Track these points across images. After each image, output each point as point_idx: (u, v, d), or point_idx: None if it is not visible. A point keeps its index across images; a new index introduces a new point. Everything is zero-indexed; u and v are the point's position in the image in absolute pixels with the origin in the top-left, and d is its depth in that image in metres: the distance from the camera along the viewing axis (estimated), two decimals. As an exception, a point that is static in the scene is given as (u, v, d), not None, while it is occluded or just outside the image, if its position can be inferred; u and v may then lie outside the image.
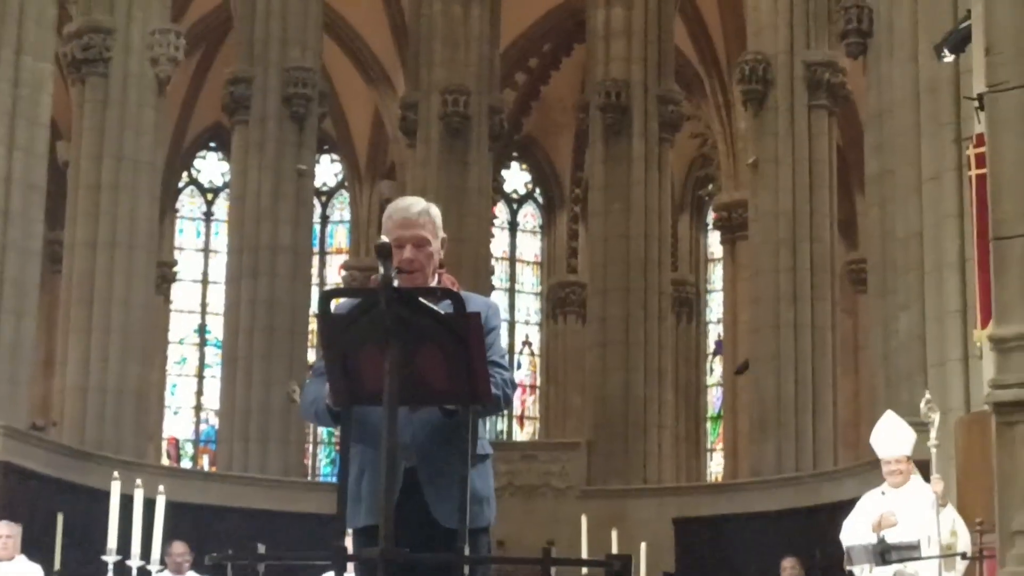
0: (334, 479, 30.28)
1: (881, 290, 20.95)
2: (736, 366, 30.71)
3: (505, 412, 30.56)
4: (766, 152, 25.27)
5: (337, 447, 32.36)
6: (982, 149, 13.50)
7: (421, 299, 4.57)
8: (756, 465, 25.10)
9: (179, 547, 13.94)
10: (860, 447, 27.84)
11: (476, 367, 4.65)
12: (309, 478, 30.89)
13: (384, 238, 4.65)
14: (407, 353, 4.54)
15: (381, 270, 4.49)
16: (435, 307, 4.59)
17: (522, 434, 34.28)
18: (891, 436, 10.84)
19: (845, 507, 15.14)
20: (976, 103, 8.80)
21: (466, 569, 4.75)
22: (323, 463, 34.16)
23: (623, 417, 26.51)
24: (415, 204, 5.25)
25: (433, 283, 5.15)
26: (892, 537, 10.38)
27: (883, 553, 10.23)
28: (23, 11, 20.63)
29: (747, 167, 27.00)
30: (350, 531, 16.56)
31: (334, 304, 4.93)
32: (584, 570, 12.69)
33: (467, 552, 4.66)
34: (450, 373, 4.62)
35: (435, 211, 5.28)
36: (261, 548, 9.67)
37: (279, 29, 26.36)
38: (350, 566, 5.99)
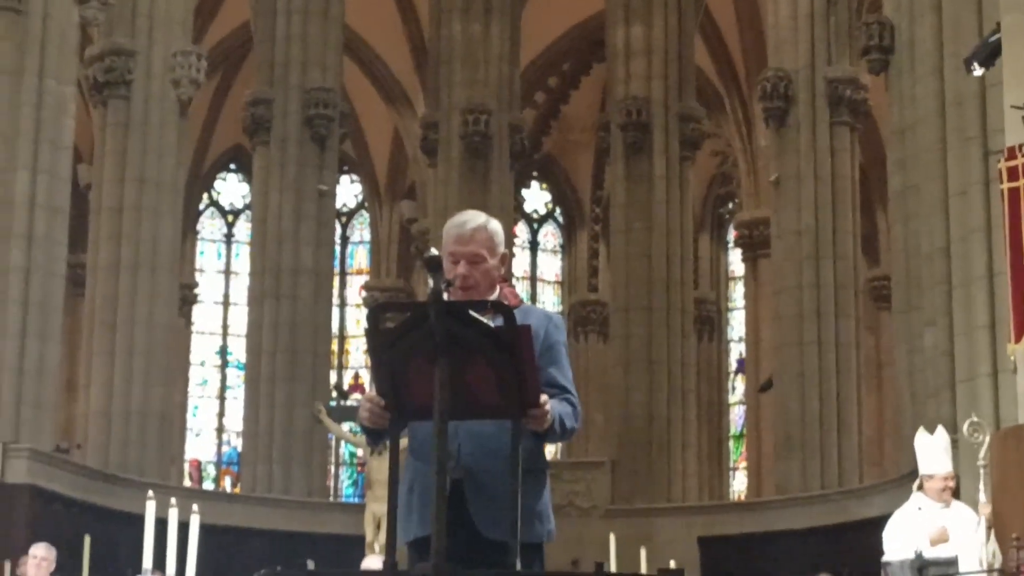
0: (357, 499, 30.26)
1: (906, 306, 20.86)
2: (759, 384, 30.62)
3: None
4: (788, 169, 25.22)
5: (359, 468, 32.40)
6: (1014, 162, 13.48)
7: (471, 312, 4.52)
8: (781, 483, 25.01)
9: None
10: (885, 464, 27.79)
11: (527, 381, 4.59)
12: (332, 499, 30.85)
13: (433, 251, 4.60)
14: (457, 367, 4.49)
15: (431, 283, 4.45)
16: (486, 320, 4.53)
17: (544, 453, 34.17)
18: (942, 452, 10.73)
19: (872, 524, 15.04)
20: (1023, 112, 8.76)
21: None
22: (345, 484, 34.10)
23: (646, 436, 26.46)
24: (471, 220, 5.17)
25: (492, 298, 5.08)
26: (929, 553, 10.31)
27: (921, 569, 10.15)
28: (45, 35, 20.65)
29: (768, 184, 26.95)
30: (377, 549, 16.38)
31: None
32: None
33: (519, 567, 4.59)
34: (501, 387, 4.56)
35: (494, 226, 5.18)
36: (311, 564, 9.62)
37: (299, 51, 26.41)
38: None
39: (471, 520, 4.91)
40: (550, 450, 34.73)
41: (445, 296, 4.50)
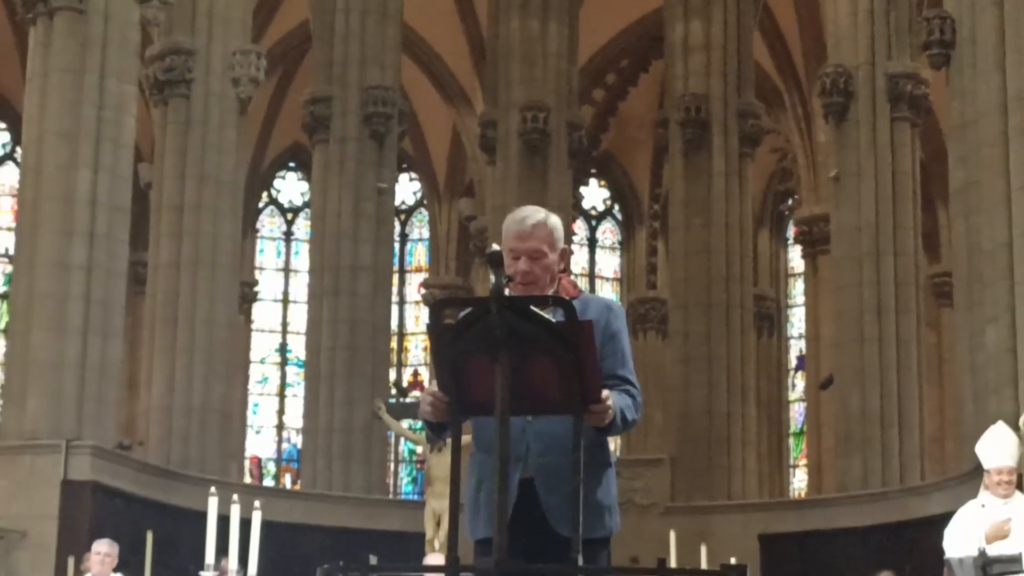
0: (416, 497, 30.34)
1: (967, 303, 20.70)
2: (819, 381, 30.49)
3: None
4: (848, 165, 25.06)
5: (419, 465, 32.48)
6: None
7: (532, 308, 4.50)
8: (842, 480, 24.88)
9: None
10: (946, 461, 27.61)
11: (588, 376, 4.58)
12: (391, 496, 30.92)
13: (495, 246, 4.60)
14: (518, 362, 4.48)
15: (492, 278, 4.44)
16: (547, 316, 4.51)
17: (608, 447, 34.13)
18: (1001, 446, 10.69)
19: (933, 522, 14.96)
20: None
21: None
22: (404, 481, 34.19)
23: (706, 433, 26.38)
24: (532, 216, 5.16)
25: (551, 292, 5.07)
26: (993, 549, 10.24)
27: (984, 566, 10.08)
28: (107, 34, 20.81)
29: (828, 180, 26.80)
30: (437, 546, 16.36)
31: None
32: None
33: (581, 562, 4.59)
34: (562, 382, 4.56)
35: (554, 222, 5.19)
36: (373, 560, 9.63)
37: (358, 49, 26.47)
38: None
39: (544, 518, 4.91)
40: (609, 447, 34.69)
41: (506, 292, 4.49)
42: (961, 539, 10.45)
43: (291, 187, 35.85)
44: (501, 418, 4.43)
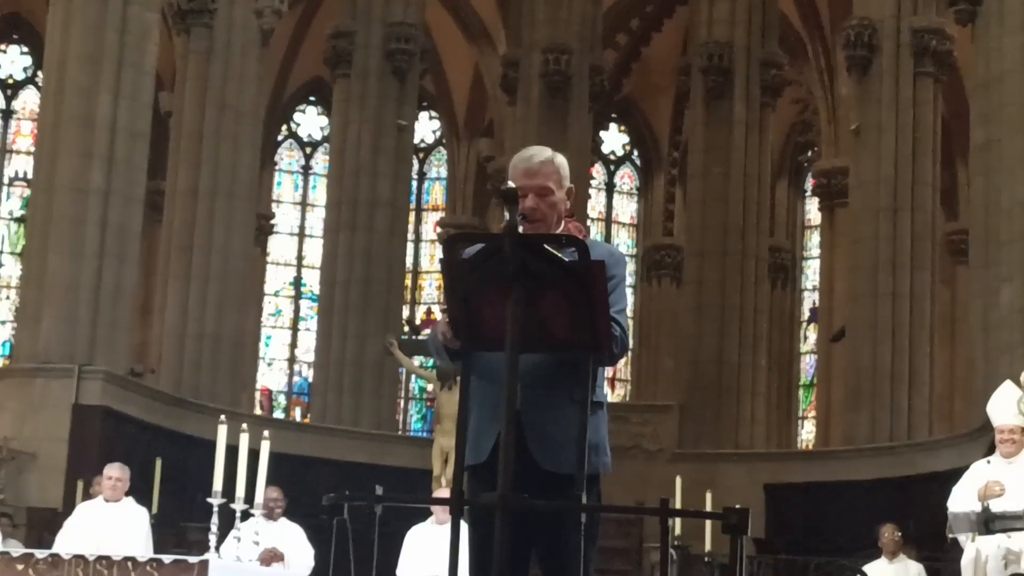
0: (425, 434, 30.43)
1: (983, 261, 20.68)
2: (831, 334, 30.50)
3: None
4: (869, 119, 25.01)
5: (429, 403, 32.56)
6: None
7: (545, 245, 4.52)
8: (849, 434, 24.95)
9: (272, 492, 13.75)
10: (955, 419, 27.63)
11: (599, 316, 4.60)
12: (400, 432, 31.03)
13: (511, 183, 4.62)
14: (530, 299, 4.50)
15: (507, 215, 4.45)
16: (559, 254, 4.53)
17: (613, 396, 34.25)
18: (1007, 405, 10.73)
19: (939, 478, 15.01)
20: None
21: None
22: (414, 419, 34.27)
23: (716, 381, 26.45)
24: (539, 154, 5.20)
25: (558, 232, 5.10)
26: (997, 506, 10.28)
27: (987, 522, 10.14)
28: (131, -40, 20.79)
29: (848, 133, 26.75)
30: (444, 483, 16.41)
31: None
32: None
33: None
34: (573, 321, 4.58)
35: (560, 160, 5.22)
36: (379, 490, 9.69)
37: (382, -16, 26.41)
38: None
39: (527, 450, 4.92)
40: (619, 393, 34.78)
41: (519, 229, 4.51)
42: (967, 494, 10.52)
43: (311, 121, 35.78)
44: (511, 355, 4.45)
